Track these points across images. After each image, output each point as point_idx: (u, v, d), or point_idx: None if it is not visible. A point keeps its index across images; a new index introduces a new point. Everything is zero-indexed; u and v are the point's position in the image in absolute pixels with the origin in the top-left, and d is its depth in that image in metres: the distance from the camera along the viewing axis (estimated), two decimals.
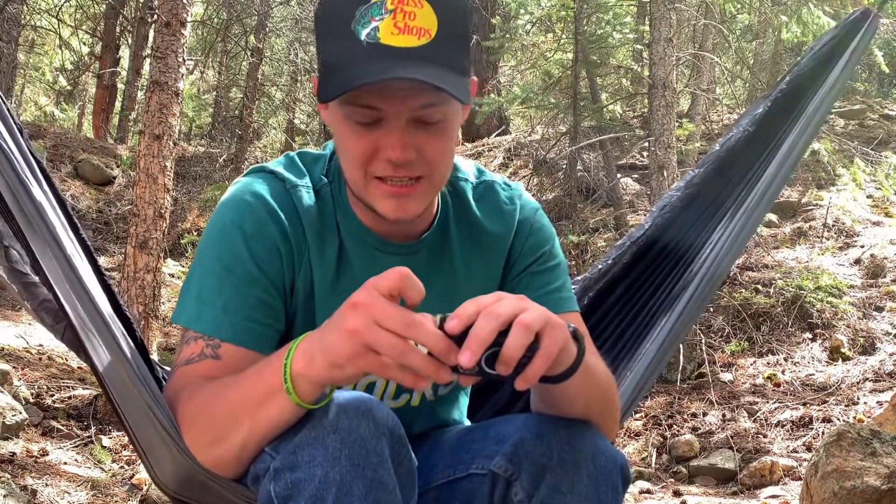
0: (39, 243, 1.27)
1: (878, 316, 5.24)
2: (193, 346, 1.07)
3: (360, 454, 0.92)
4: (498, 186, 1.27)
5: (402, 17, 0.97)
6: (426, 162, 1.05)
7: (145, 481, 3.34)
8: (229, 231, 1.11)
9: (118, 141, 10.59)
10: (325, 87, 1.02)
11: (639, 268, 1.77)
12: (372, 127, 1.03)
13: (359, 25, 0.98)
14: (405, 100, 1.00)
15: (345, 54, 0.99)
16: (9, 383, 3.89)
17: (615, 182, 7.33)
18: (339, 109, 1.04)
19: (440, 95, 1.00)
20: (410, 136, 1.02)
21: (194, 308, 1.10)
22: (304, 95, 10.98)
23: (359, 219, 1.18)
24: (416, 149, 1.03)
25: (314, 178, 1.20)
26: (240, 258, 1.10)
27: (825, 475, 2.71)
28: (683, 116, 8.48)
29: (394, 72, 0.96)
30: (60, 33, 10.83)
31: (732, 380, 4.90)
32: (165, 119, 4.23)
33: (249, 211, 1.12)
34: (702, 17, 7.26)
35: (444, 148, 1.07)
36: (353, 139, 1.04)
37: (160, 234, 4.27)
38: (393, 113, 1.01)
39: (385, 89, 0.98)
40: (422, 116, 1.02)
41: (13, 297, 1.49)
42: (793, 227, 6.77)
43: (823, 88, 1.78)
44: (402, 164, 1.03)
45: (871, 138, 8.22)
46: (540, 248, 1.24)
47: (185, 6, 4.31)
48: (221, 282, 1.09)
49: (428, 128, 1.04)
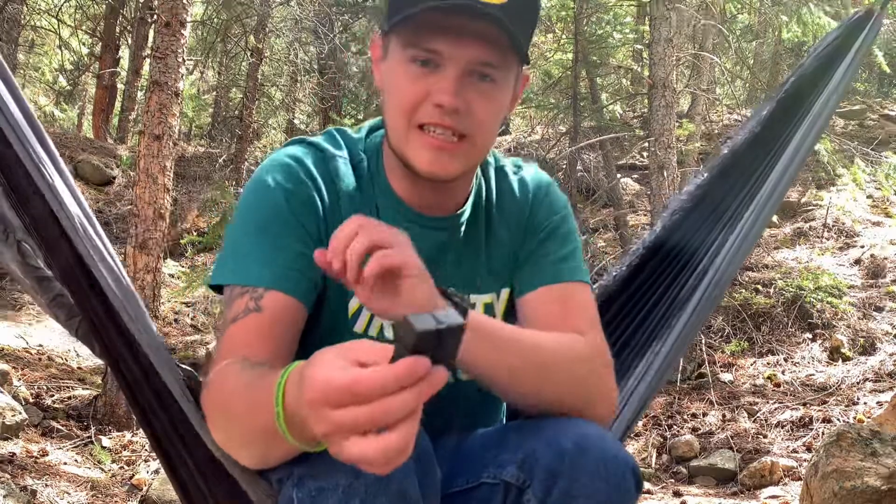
0: (86, 244, 1.37)
1: (878, 316, 5.24)
2: (238, 302, 1.06)
3: None
4: (509, 170, 1.28)
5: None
6: (473, 119, 1.06)
7: (145, 481, 3.34)
8: (265, 188, 1.12)
9: (118, 141, 10.58)
10: (398, 20, 1.03)
11: (646, 271, 1.77)
12: (427, 73, 1.04)
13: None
14: (468, 48, 1.01)
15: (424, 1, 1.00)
16: (8, 383, 3.89)
17: (615, 182, 7.33)
18: (399, 54, 1.06)
19: (501, 57, 1.03)
20: (463, 88, 1.03)
21: (232, 263, 1.10)
22: (304, 95, 10.98)
23: (394, 191, 1.18)
24: (466, 102, 1.04)
25: (353, 153, 1.21)
26: (277, 212, 1.10)
27: (825, 475, 2.71)
28: (683, 116, 8.48)
29: (471, 7, 0.98)
30: (60, 33, 10.82)
31: (732, 380, 4.90)
32: (165, 119, 4.22)
33: (287, 169, 1.13)
34: (702, 17, 7.25)
35: (492, 111, 1.08)
36: (406, 83, 1.05)
37: (160, 235, 4.27)
38: (452, 59, 1.02)
39: (449, 31, 1.00)
40: (479, 71, 1.03)
41: (27, 292, 1.50)
42: (793, 228, 6.77)
43: (828, 89, 1.78)
44: (450, 111, 1.03)
45: (871, 138, 8.22)
46: (548, 218, 1.24)
47: (185, 6, 4.31)
48: (259, 236, 1.09)
49: (481, 86, 1.05)
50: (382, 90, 1.13)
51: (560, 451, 1.00)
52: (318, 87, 10.12)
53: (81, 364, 4.87)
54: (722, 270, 1.68)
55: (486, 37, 1.00)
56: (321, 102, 10.33)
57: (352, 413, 0.65)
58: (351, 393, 0.65)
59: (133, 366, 1.46)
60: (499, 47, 1.02)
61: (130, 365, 1.46)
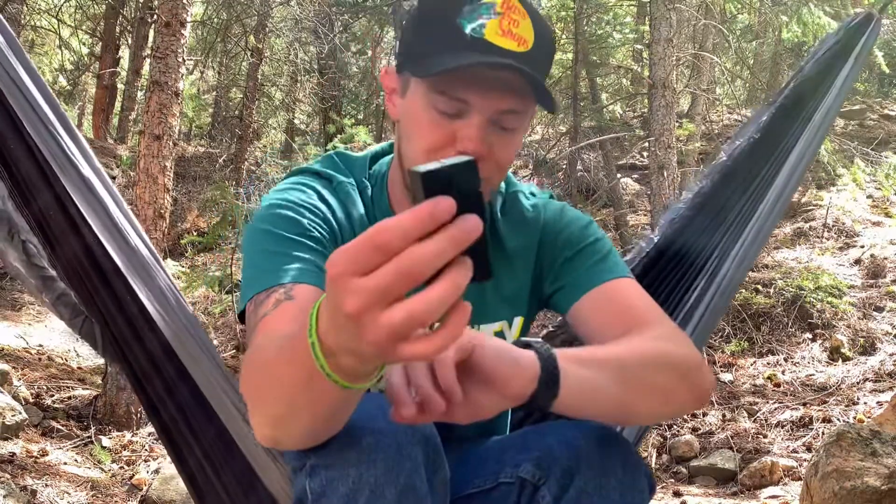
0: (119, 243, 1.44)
1: (878, 316, 5.24)
2: (267, 302, 1.01)
3: (394, 459, 0.92)
4: (522, 196, 1.27)
5: (508, 22, 1.02)
6: (493, 164, 1.08)
7: (145, 481, 3.34)
8: (277, 209, 1.11)
9: (118, 141, 10.58)
10: (422, 67, 1.04)
11: (648, 279, 1.77)
12: (452, 118, 1.05)
13: (465, 20, 1.01)
14: (495, 98, 1.03)
15: (448, 43, 1.02)
16: (8, 383, 3.89)
17: (615, 182, 7.33)
18: (422, 97, 1.06)
19: (525, 104, 1.05)
20: (487, 135, 1.05)
21: (256, 278, 1.06)
22: (304, 95, 10.98)
23: None
24: (489, 148, 1.05)
25: (357, 181, 1.21)
26: (293, 223, 1.09)
27: (825, 475, 2.71)
28: (683, 116, 8.48)
29: (503, 62, 0.99)
30: (60, 33, 10.82)
31: (732, 380, 4.90)
32: (165, 119, 4.23)
33: (299, 193, 1.14)
34: (702, 17, 7.25)
35: (511, 154, 1.11)
36: (431, 127, 1.06)
37: (160, 235, 4.27)
38: (479, 107, 1.03)
39: (479, 82, 1.01)
40: (502, 120, 1.05)
41: (31, 291, 1.53)
42: (793, 228, 6.77)
43: (830, 96, 1.78)
44: (476, 158, 1.03)
45: (871, 138, 8.22)
46: (573, 235, 1.23)
47: (185, 6, 4.31)
48: (277, 248, 1.07)
49: (503, 132, 1.06)
50: (398, 123, 1.14)
51: (577, 449, 1.01)
52: (318, 87, 10.12)
53: (81, 364, 4.87)
54: (728, 279, 1.68)
55: (512, 86, 1.02)
56: (321, 102, 10.33)
57: (381, 273, 0.57)
58: (373, 246, 0.58)
59: (141, 356, 1.48)
60: (523, 95, 1.04)
61: (138, 355, 1.48)
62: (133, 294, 1.44)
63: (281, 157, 10.18)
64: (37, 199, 1.39)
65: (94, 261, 1.43)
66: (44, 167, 1.40)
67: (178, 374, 1.47)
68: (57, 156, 1.41)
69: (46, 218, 1.41)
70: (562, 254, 1.22)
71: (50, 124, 1.41)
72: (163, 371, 1.47)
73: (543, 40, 1.05)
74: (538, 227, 1.24)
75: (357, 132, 5.49)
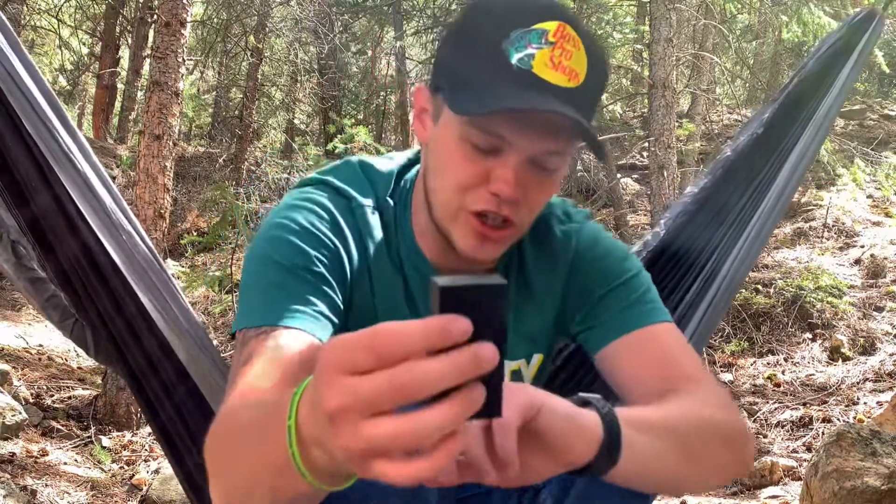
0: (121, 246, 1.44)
1: (878, 316, 5.24)
2: (253, 343, 0.95)
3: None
4: (555, 221, 1.15)
5: (560, 53, 0.91)
6: (527, 207, 0.99)
7: (145, 481, 3.34)
8: (283, 231, 1.01)
9: (118, 141, 10.58)
10: (458, 98, 0.93)
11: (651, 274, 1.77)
12: (488, 155, 0.95)
13: (512, 47, 0.90)
14: (537, 139, 0.93)
15: (490, 72, 0.91)
16: (8, 383, 3.89)
17: (615, 182, 7.33)
18: (456, 128, 0.95)
19: (568, 145, 0.96)
20: (523, 177, 0.95)
21: (246, 309, 0.99)
22: (304, 95, 10.98)
23: (420, 250, 1.09)
24: (524, 191, 0.96)
25: (379, 197, 1.10)
26: (298, 253, 1.00)
27: (825, 475, 2.71)
28: (683, 116, 8.48)
29: (544, 105, 0.89)
30: (60, 33, 10.82)
31: (732, 380, 4.90)
32: (165, 119, 4.22)
33: (311, 214, 1.03)
34: (702, 17, 7.25)
35: (545, 199, 1.02)
36: (464, 163, 0.96)
37: (160, 235, 4.27)
38: (518, 147, 0.93)
39: (520, 121, 0.92)
40: (542, 161, 0.96)
41: (20, 293, 1.53)
42: (793, 228, 6.77)
43: (831, 92, 1.78)
44: (508, 201, 0.95)
45: (871, 138, 8.22)
46: (607, 270, 1.12)
47: (185, 6, 4.31)
48: (277, 279, 0.99)
49: (542, 173, 0.97)
50: (425, 147, 1.04)
51: None
52: (318, 87, 10.13)
53: (81, 364, 4.87)
54: (731, 276, 1.68)
55: (557, 126, 0.92)
56: (321, 102, 10.33)
57: (372, 380, 0.51)
58: (369, 348, 0.51)
59: (139, 356, 1.48)
60: (566, 135, 0.94)
61: (136, 356, 1.48)
62: (132, 293, 1.44)
63: (281, 157, 10.18)
64: (35, 199, 1.39)
65: (93, 260, 1.43)
66: (42, 166, 1.40)
67: (177, 373, 1.47)
68: (56, 154, 1.40)
69: (45, 217, 1.41)
70: (594, 291, 1.11)
71: (49, 122, 1.41)
72: (160, 371, 1.47)
73: (597, 72, 0.95)
74: (568, 257, 1.13)
75: (357, 132, 5.49)
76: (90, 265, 1.43)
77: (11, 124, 1.38)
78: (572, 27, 0.92)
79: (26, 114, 1.38)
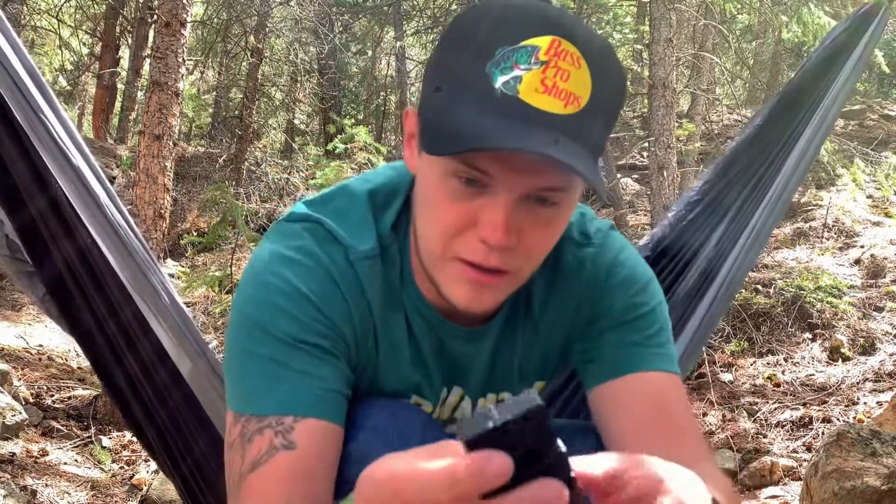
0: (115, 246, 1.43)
1: (878, 316, 5.24)
2: (258, 441, 0.82)
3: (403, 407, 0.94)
4: (569, 245, 1.01)
5: (554, 73, 0.75)
6: (524, 253, 0.83)
7: (145, 481, 3.34)
8: (269, 290, 0.89)
9: (118, 141, 10.58)
10: (431, 134, 0.80)
11: (659, 265, 1.77)
12: (474, 192, 0.80)
13: (496, 68, 0.76)
14: (527, 175, 0.78)
15: (468, 99, 0.77)
16: (8, 383, 3.89)
17: (615, 182, 7.34)
18: (439, 163, 0.81)
19: (569, 180, 0.79)
20: (517, 218, 0.80)
21: (245, 391, 0.87)
22: (304, 95, 10.98)
23: (420, 292, 0.97)
24: (518, 235, 0.81)
25: (381, 231, 0.95)
26: (291, 320, 0.87)
27: (825, 475, 2.71)
28: (683, 116, 8.48)
29: (528, 142, 0.73)
30: (60, 33, 10.83)
31: (732, 380, 4.90)
32: (165, 119, 4.23)
33: (302, 269, 0.90)
34: (702, 17, 7.25)
35: (550, 241, 0.86)
36: (446, 203, 0.81)
37: (160, 235, 4.27)
38: (506, 185, 0.78)
39: (507, 155, 0.76)
40: (541, 195, 0.80)
41: (18, 287, 1.53)
42: (793, 228, 6.77)
43: (833, 89, 1.77)
44: (498, 248, 0.81)
45: (871, 138, 8.23)
46: (618, 302, 0.99)
47: (185, 6, 4.31)
48: (271, 352, 0.86)
49: (539, 212, 0.81)
50: (417, 180, 0.89)
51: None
52: (318, 87, 10.13)
53: (81, 364, 4.87)
54: (733, 273, 1.68)
55: (550, 161, 0.74)
56: (321, 102, 10.34)
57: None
58: (386, 487, 0.46)
59: (133, 362, 1.47)
60: (566, 171, 0.76)
61: (131, 362, 1.47)
62: (128, 297, 1.42)
63: (281, 157, 10.18)
64: (34, 201, 1.38)
65: (88, 263, 1.42)
66: (40, 168, 1.39)
67: (171, 378, 1.46)
68: (55, 155, 1.40)
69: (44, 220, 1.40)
70: (599, 322, 0.99)
71: (46, 119, 1.40)
72: (155, 378, 1.46)
73: (606, 92, 0.79)
74: (580, 288, 1.00)
75: (357, 132, 5.49)
76: (86, 269, 1.42)
77: (9, 125, 1.38)
78: (571, 41, 0.77)
79: (26, 116, 1.37)
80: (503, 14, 0.79)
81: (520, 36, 0.76)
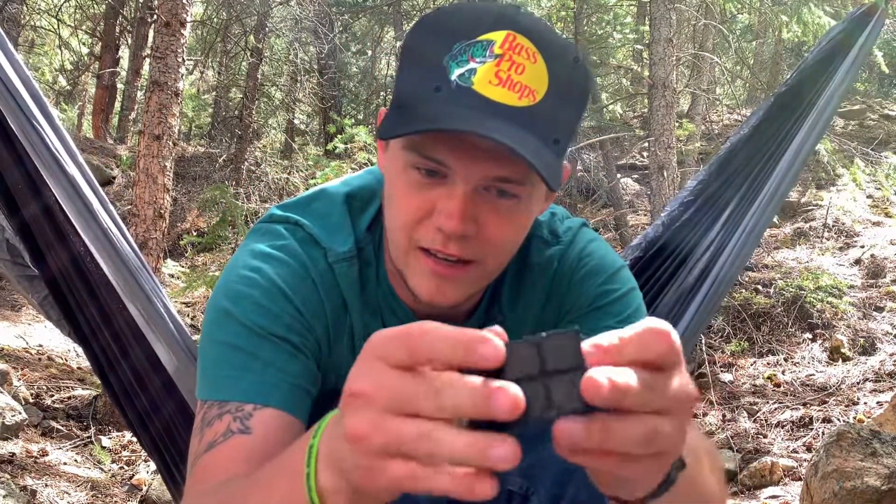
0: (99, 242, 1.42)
1: (878, 316, 5.24)
2: (217, 424, 0.85)
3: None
4: (537, 244, 1.02)
5: (509, 66, 0.79)
6: (484, 243, 0.85)
7: (145, 481, 3.34)
8: (245, 284, 0.91)
9: (118, 141, 10.58)
10: (389, 123, 0.84)
11: (650, 269, 1.78)
12: (433, 183, 0.83)
13: (453, 62, 0.79)
14: (481, 163, 0.80)
15: (425, 91, 0.80)
16: (8, 383, 3.89)
17: (615, 182, 7.33)
18: (400, 154, 0.85)
19: (525, 172, 0.81)
20: (474, 207, 0.82)
21: (211, 378, 0.89)
22: (304, 95, 10.98)
23: (395, 291, 0.99)
24: (476, 223, 0.83)
25: (358, 232, 0.98)
26: (262, 311, 0.90)
27: (825, 475, 2.71)
28: (683, 116, 8.47)
29: (478, 127, 0.76)
30: (60, 33, 10.83)
31: (732, 380, 4.90)
32: (165, 119, 4.22)
33: (279, 266, 0.93)
34: (702, 17, 7.25)
35: (510, 232, 0.87)
36: (408, 194, 0.84)
37: (160, 235, 4.27)
38: (462, 174, 0.81)
39: (460, 144, 0.79)
40: (496, 186, 0.83)
41: (18, 291, 1.53)
42: (793, 228, 6.78)
43: (830, 87, 1.78)
44: (454, 237, 0.83)
45: (871, 138, 8.23)
46: (584, 294, 1.00)
47: (185, 6, 4.31)
48: (239, 341, 0.89)
49: (499, 203, 0.83)
50: (385, 178, 0.92)
51: None
52: (318, 87, 10.13)
53: (81, 364, 4.87)
54: (726, 271, 1.68)
55: (504, 151, 0.77)
56: (321, 102, 10.34)
57: (403, 425, 0.47)
58: (402, 342, 0.49)
59: (127, 371, 1.47)
60: (520, 162, 0.78)
61: (125, 370, 1.47)
62: (120, 305, 1.42)
63: (281, 157, 10.18)
64: (27, 207, 1.39)
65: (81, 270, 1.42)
66: (32, 174, 1.38)
67: (165, 387, 1.46)
68: (48, 163, 1.39)
69: (40, 224, 1.41)
70: (569, 314, 1.01)
71: (38, 126, 1.40)
72: (149, 386, 1.46)
73: (563, 85, 0.81)
74: (545, 285, 1.02)
75: (357, 132, 5.49)
76: (79, 275, 1.42)
77: (4, 133, 1.37)
78: (527, 37, 0.79)
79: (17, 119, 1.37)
80: (463, 10, 0.83)
81: (476, 31, 0.80)
